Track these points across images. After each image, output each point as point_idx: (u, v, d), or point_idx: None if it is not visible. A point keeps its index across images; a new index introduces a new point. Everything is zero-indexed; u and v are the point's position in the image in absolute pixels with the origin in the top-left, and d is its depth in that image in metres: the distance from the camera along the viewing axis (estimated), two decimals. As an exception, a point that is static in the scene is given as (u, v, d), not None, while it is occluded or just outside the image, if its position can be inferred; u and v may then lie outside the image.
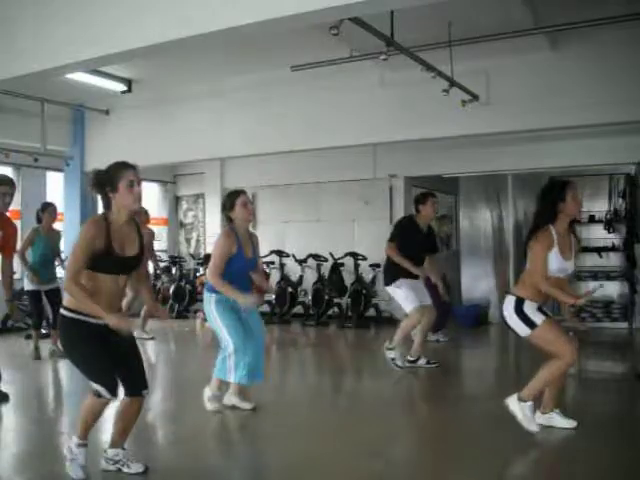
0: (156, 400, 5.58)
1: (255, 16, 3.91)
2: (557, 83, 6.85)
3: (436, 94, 6.63)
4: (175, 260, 11.86)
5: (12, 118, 8.70)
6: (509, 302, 4.14)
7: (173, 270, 11.71)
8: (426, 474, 3.71)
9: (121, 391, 3.40)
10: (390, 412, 5.20)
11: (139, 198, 3.38)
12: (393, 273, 6.32)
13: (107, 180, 3.33)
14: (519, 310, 4.07)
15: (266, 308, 10.75)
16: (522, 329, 4.09)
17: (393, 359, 6.34)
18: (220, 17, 4.01)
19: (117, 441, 3.55)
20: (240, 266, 4.64)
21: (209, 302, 4.70)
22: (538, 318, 4.04)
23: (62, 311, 3.34)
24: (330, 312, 10.39)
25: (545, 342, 4.07)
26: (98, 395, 3.30)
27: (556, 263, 4.02)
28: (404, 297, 6.26)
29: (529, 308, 4.07)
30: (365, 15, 4.83)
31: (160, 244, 12.77)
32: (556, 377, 4.12)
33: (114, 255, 3.29)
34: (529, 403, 4.12)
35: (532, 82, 6.96)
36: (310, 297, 10.45)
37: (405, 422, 4.99)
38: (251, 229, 5.04)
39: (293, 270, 10.87)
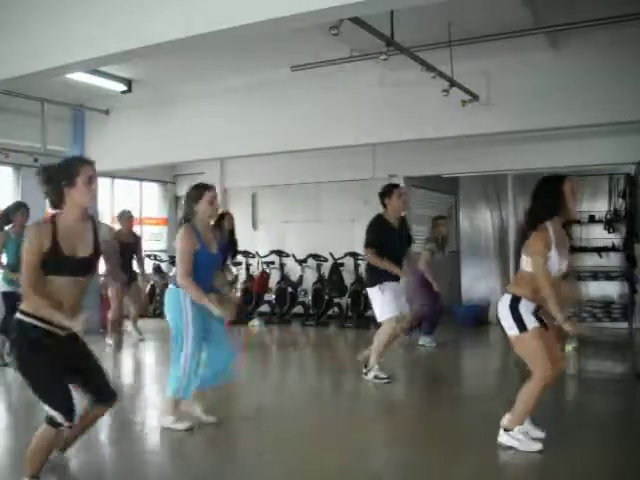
0: (153, 401, 5.57)
1: (255, 16, 3.90)
2: (557, 83, 6.84)
3: (436, 94, 6.63)
4: (175, 260, 11.83)
5: (12, 118, 8.69)
6: (505, 300, 3.98)
7: (173, 270, 11.69)
8: (426, 475, 3.71)
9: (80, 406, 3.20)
10: (390, 412, 5.20)
11: (95, 195, 3.26)
12: (376, 275, 6.03)
13: (64, 174, 3.17)
14: (514, 308, 3.90)
15: (266, 308, 10.78)
16: (511, 328, 3.91)
17: (375, 376, 6.02)
18: (220, 17, 4.01)
19: (68, 444, 3.42)
20: (204, 262, 4.45)
21: (183, 299, 4.44)
22: (531, 322, 3.86)
23: (19, 315, 3.12)
24: (330, 312, 10.39)
25: (526, 350, 3.91)
26: (52, 423, 3.01)
27: (555, 263, 3.86)
28: (384, 303, 5.98)
29: (524, 308, 3.89)
30: (365, 15, 4.82)
31: (160, 244, 12.78)
32: (537, 397, 3.90)
33: (62, 256, 3.10)
34: (517, 428, 3.96)
35: (532, 82, 6.95)
36: (310, 297, 10.45)
37: (405, 422, 4.99)
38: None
39: (293, 270, 10.87)
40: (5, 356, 6.92)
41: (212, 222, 4.81)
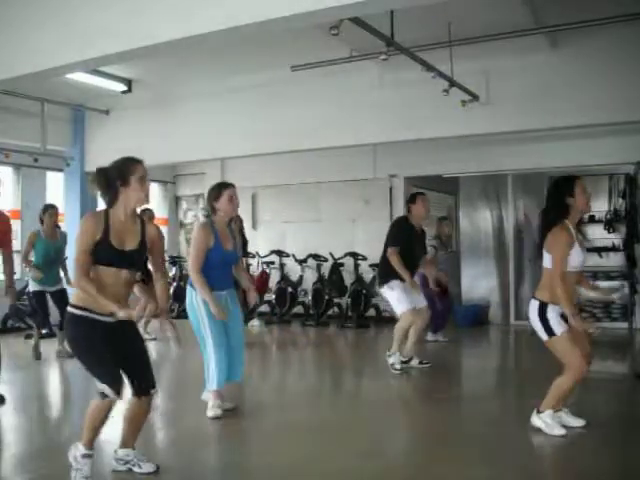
0: (158, 400, 5.58)
1: (255, 16, 3.91)
2: (557, 83, 6.85)
3: (436, 94, 6.63)
4: (175, 260, 11.86)
5: (12, 118, 8.70)
6: (533, 307, 4.14)
7: (173, 270, 11.71)
8: (426, 474, 3.71)
9: (128, 392, 3.39)
10: (390, 412, 5.20)
11: (148, 194, 3.41)
12: (386, 274, 6.29)
13: (119, 174, 3.34)
14: (542, 315, 4.07)
15: (266, 308, 10.77)
16: (542, 333, 4.11)
17: (392, 364, 6.31)
18: (220, 17, 4.01)
19: (127, 441, 3.55)
20: (218, 259, 4.55)
21: (197, 299, 4.58)
22: (559, 328, 4.03)
23: (70, 309, 3.34)
24: (330, 312, 10.39)
25: (559, 351, 4.09)
26: (103, 395, 3.26)
27: (578, 257, 4.06)
28: (396, 299, 6.24)
29: (552, 313, 4.04)
30: (365, 15, 4.83)
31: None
32: (567, 391, 4.14)
33: (112, 247, 3.27)
34: (548, 412, 4.14)
35: (532, 82, 6.96)
36: (310, 297, 10.45)
37: (404, 422, 4.99)
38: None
39: (293, 270, 10.87)
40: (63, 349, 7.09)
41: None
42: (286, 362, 7.94)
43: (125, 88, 8.77)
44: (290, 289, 10.66)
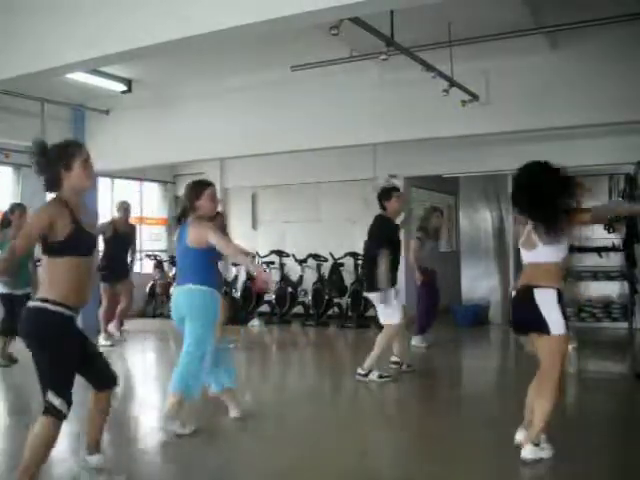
0: (153, 401, 5.58)
1: (255, 16, 3.90)
2: (557, 83, 6.84)
3: (436, 94, 6.63)
4: (175, 260, 11.84)
5: (12, 118, 8.69)
6: (549, 295, 3.66)
7: (173, 270, 11.70)
8: (426, 474, 3.71)
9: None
10: (389, 412, 5.20)
11: (92, 175, 3.21)
12: (381, 278, 5.99)
13: (60, 158, 3.12)
14: (562, 304, 3.66)
15: (266, 308, 10.77)
16: (559, 325, 3.64)
17: (380, 376, 6.05)
18: (220, 17, 4.01)
19: (94, 443, 3.36)
20: (210, 256, 4.47)
21: (207, 295, 4.43)
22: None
23: (42, 304, 3.04)
24: (330, 312, 10.39)
25: (558, 350, 3.70)
26: (51, 410, 2.97)
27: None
28: (391, 310, 6.05)
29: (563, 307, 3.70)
30: (365, 15, 4.83)
31: (160, 244, 12.79)
32: (554, 405, 3.73)
33: (85, 232, 3.13)
34: (542, 437, 3.80)
35: (532, 82, 6.95)
36: (310, 297, 10.45)
37: (404, 423, 4.99)
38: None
39: (293, 270, 10.87)
40: (4, 357, 6.92)
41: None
42: (286, 362, 7.94)
43: (125, 88, 8.76)
44: (290, 289, 10.67)
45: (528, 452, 3.75)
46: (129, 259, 8.77)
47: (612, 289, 9.61)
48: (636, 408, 5.30)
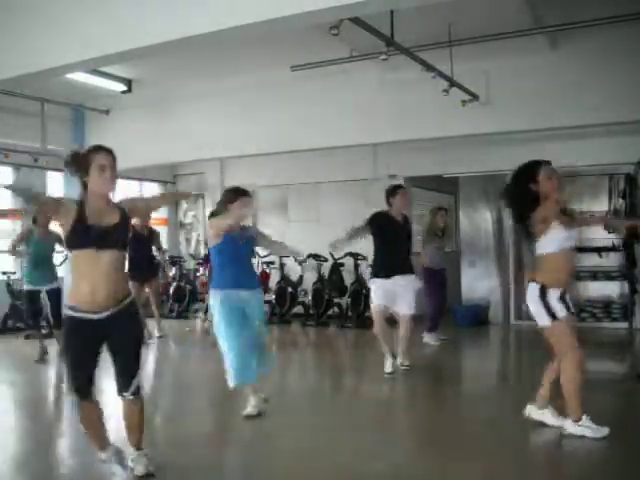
0: (157, 400, 5.58)
1: (255, 16, 3.90)
2: (557, 83, 6.85)
3: (436, 94, 6.63)
4: (175, 260, 11.85)
5: (12, 118, 8.69)
6: (533, 289, 4.05)
7: (173, 270, 11.70)
8: (426, 474, 3.71)
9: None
10: (390, 412, 5.20)
11: (112, 182, 3.32)
12: (376, 269, 6.45)
13: (80, 164, 3.30)
14: (543, 298, 4.00)
15: (266, 308, 10.77)
16: (543, 318, 4.02)
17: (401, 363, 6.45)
18: (220, 17, 4.01)
19: (131, 441, 3.53)
20: (232, 252, 4.66)
21: (215, 299, 4.70)
22: (560, 310, 4.00)
23: (63, 308, 3.47)
24: (330, 312, 10.39)
25: (558, 338, 4.03)
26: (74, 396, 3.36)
27: (562, 235, 3.99)
28: (372, 292, 6.44)
29: (552, 296, 4.00)
30: (365, 15, 4.83)
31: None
32: (578, 380, 4.07)
33: (87, 224, 3.22)
34: (584, 417, 4.06)
35: (532, 82, 6.95)
36: (310, 297, 10.45)
37: (405, 422, 4.99)
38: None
39: (293, 270, 10.86)
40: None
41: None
42: (286, 362, 7.93)
43: (125, 88, 8.76)
44: (290, 289, 10.66)
45: (568, 426, 4.08)
46: (157, 259, 9.15)
47: (612, 289, 9.60)
48: (636, 408, 5.29)
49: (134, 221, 8.61)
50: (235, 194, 4.74)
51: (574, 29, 6.05)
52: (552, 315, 3.99)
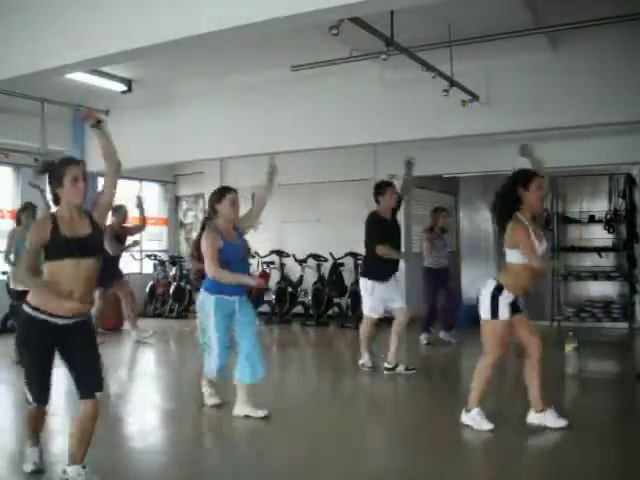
0: (155, 400, 5.58)
1: (255, 16, 3.91)
2: (557, 83, 6.85)
3: (436, 94, 6.63)
4: (175, 260, 11.85)
5: (12, 118, 8.70)
6: (491, 285, 4.28)
7: (173, 270, 11.70)
8: (426, 474, 3.71)
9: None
10: (389, 412, 5.20)
11: (84, 193, 3.33)
12: (368, 270, 6.49)
13: (54, 175, 3.32)
14: (494, 296, 4.22)
15: (266, 308, 10.77)
16: (486, 312, 4.28)
17: (363, 365, 6.50)
18: (220, 17, 4.01)
19: (76, 456, 3.30)
20: (232, 254, 4.67)
21: (209, 303, 4.67)
22: (504, 314, 4.22)
23: (24, 306, 3.30)
24: (330, 312, 10.39)
25: (488, 335, 4.34)
26: (26, 401, 3.34)
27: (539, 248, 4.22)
28: (364, 300, 6.44)
29: (503, 299, 4.21)
30: (365, 15, 4.83)
31: (160, 244, 12.79)
32: (486, 375, 4.37)
33: (63, 236, 3.23)
34: (476, 409, 4.34)
35: (532, 82, 6.95)
36: (310, 297, 10.45)
37: (404, 422, 4.99)
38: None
39: (293, 270, 10.87)
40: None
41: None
42: (286, 362, 7.94)
43: (125, 88, 8.76)
44: (290, 289, 10.67)
45: (463, 417, 4.39)
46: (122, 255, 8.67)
47: (612, 289, 9.60)
48: (636, 408, 5.30)
49: (112, 220, 8.62)
50: (220, 192, 4.84)
51: (574, 29, 6.05)
52: (494, 313, 4.22)
